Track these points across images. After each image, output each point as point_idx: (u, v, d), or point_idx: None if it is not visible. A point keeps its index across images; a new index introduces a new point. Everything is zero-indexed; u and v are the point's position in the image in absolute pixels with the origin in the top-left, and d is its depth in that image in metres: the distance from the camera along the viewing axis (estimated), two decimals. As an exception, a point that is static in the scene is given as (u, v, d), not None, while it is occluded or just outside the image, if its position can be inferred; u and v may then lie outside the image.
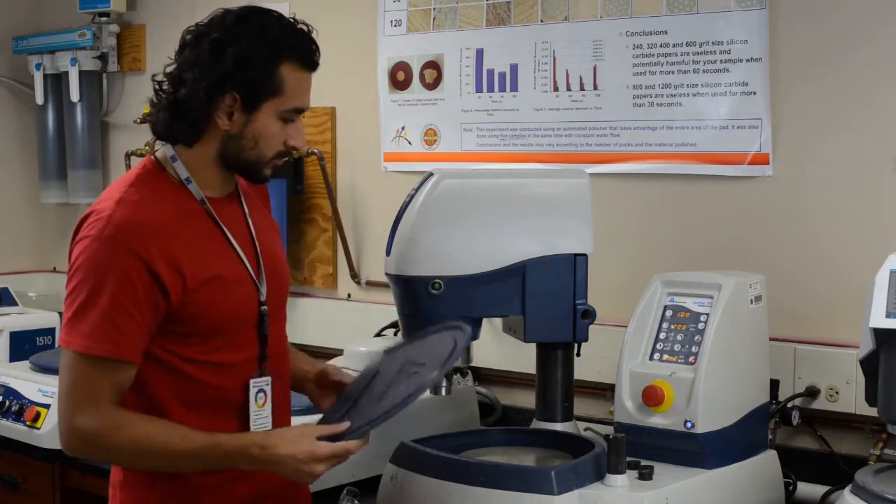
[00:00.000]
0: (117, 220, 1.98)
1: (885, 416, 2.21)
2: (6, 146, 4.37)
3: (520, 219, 2.40)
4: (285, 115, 2.05)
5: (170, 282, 1.97)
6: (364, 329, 3.31)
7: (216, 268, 2.05)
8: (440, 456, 2.23)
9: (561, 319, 2.42)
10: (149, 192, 2.04)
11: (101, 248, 1.97)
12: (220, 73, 2.00)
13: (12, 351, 3.48)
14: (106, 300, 1.95)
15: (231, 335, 2.07)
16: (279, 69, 2.02)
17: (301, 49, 2.05)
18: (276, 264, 2.19)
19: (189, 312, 2.01)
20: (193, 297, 2.00)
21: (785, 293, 2.64)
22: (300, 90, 2.06)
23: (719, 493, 2.29)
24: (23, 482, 3.12)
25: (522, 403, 3.09)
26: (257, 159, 2.07)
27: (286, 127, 2.07)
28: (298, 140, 2.09)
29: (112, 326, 1.95)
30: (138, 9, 4.14)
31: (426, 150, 3.33)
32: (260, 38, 2.01)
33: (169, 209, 2.03)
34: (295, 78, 2.04)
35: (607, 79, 2.96)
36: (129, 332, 1.96)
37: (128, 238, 1.96)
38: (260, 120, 2.04)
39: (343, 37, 3.47)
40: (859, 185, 2.61)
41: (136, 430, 1.96)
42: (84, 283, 1.98)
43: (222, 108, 2.03)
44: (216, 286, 2.03)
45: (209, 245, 2.06)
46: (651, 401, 2.30)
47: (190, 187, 2.08)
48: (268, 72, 2.01)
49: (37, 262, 4.45)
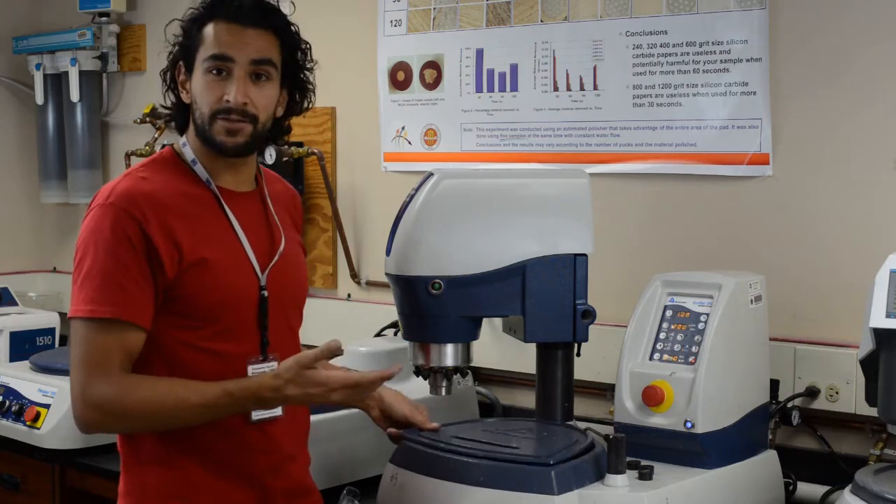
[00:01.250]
0: (120, 189, 2.04)
1: (885, 416, 2.21)
2: (6, 146, 4.37)
3: (520, 219, 2.40)
4: (208, 64, 2.07)
5: (165, 252, 2.00)
6: (364, 329, 3.31)
7: (215, 250, 2.06)
8: (440, 456, 2.23)
9: (561, 319, 2.42)
10: (158, 172, 2.11)
11: (102, 214, 2.02)
12: (171, 53, 2.15)
13: (12, 351, 3.48)
14: (108, 263, 1.98)
15: (230, 322, 2.08)
16: (203, 28, 2.10)
17: (222, 4, 2.10)
18: (289, 267, 2.20)
19: (185, 291, 2.03)
20: (189, 273, 2.02)
21: (785, 293, 2.64)
22: (219, 39, 2.08)
23: (719, 493, 2.29)
24: (23, 482, 3.11)
25: (522, 403, 3.09)
26: (202, 121, 2.09)
27: (220, 82, 2.07)
28: (231, 93, 2.06)
29: (116, 287, 1.98)
30: (138, 9, 4.14)
31: (426, 150, 3.33)
32: (196, 10, 2.13)
33: (175, 188, 2.08)
34: (216, 29, 2.09)
35: (607, 79, 2.96)
36: (133, 293, 1.98)
37: (128, 204, 2.00)
38: (195, 79, 2.10)
39: (343, 37, 3.47)
40: (859, 185, 2.61)
41: (147, 390, 1.97)
42: (87, 250, 2.01)
43: (180, 82, 2.13)
44: (213, 267, 2.05)
45: (211, 227, 2.09)
46: (651, 401, 2.30)
47: (196, 168, 2.12)
48: (195, 32, 2.10)
49: (37, 262, 4.45)
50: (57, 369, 3.11)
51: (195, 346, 2.05)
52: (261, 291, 2.12)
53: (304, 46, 2.18)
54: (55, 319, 3.67)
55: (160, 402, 1.96)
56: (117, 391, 1.96)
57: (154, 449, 2.07)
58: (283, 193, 2.31)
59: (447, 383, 2.45)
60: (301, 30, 2.19)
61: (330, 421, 2.61)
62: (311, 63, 2.20)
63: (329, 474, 2.56)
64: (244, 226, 2.13)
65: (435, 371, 2.42)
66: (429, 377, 2.44)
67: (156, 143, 3.80)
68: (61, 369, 3.11)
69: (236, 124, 2.07)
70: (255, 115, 2.08)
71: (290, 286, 2.21)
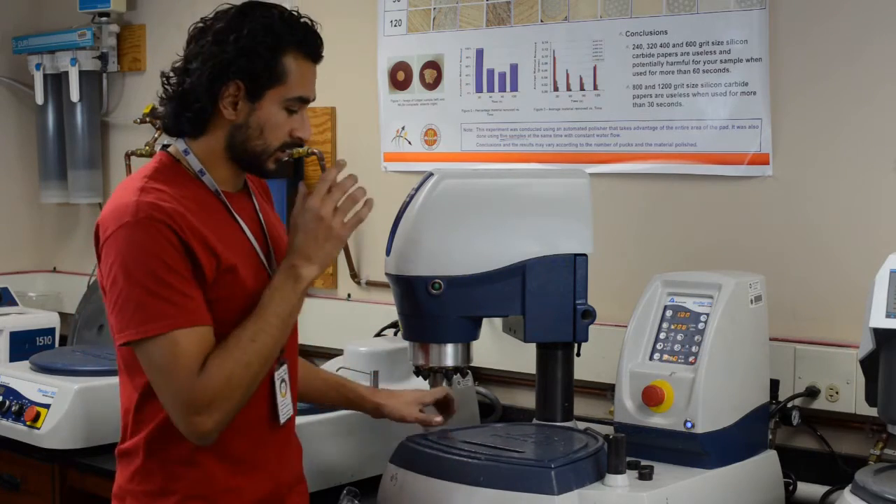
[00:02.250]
0: (147, 203, 1.97)
1: (885, 416, 2.21)
2: (6, 146, 4.37)
3: (520, 219, 2.40)
4: (289, 104, 2.06)
5: (204, 258, 1.98)
6: (364, 329, 3.31)
7: (238, 256, 2.06)
8: (440, 456, 2.23)
9: (561, 319, 2.42)
10: (168, 182, 2.05)
11: (138, 230, 1.95)
12: (223, 62, 2.02)
13: (12, 351, 3.48)
14: (164, 274, 1.93)
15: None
16: (282, 58, 2.04)
17: (304, 39, 2.07)
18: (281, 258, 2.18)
19: (219, 295, 2.01)
20: (224, 279, 2.01)
21: (785, 293, 2.64)
22: (304, 80, 2.07)
23: (719, 493, 2.29)
24: (23, 482, 3.11)
25: (522, 403, 3.09)
26: (263, 150, 2.08)
27: (291, 118, 2.08)
28: (304, 131, 2.10)
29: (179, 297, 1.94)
30: (138, 9, 4.13)
31: (426, 150, 3.33)
32: (262, 28, 2.03)
33: (190, 198, 2.04)
34: (298, 67, 2.06)
35: (607, 79, 2.96)
36: (196, 298, 1.96)
37: (163, 216, 1.95)
38: (264, 109, 2.05)
39: (343, 37, 3.47)
40: (859, 185, 2.61)
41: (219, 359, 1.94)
42: (132, 269, 1.95)
43: (227, 97, 2.04)
44: (240, 273, 2.04)
45: (230, 234, 2.08)
46: (651, 401, 2.30)
47: (204, 179, 2.09)
48: (271, 60, 2.03)
49: (37, 262, 4.45)
50: (57, 369, 3.11)
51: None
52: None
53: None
54: (55, 319, 3.67)
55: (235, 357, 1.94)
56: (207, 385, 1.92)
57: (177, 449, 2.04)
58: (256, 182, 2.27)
59: (447, 383, 2.46)
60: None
61: (330, 421, 2.61)
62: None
63: (329, 474, 2.56)
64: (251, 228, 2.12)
65: (435, 371, 2.42)
66: (429, 377, 2.45)
67: (156, 143, 3.79)
68: (61, 369, 3.11)
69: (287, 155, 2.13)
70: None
71: None
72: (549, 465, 2.11)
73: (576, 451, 2.20)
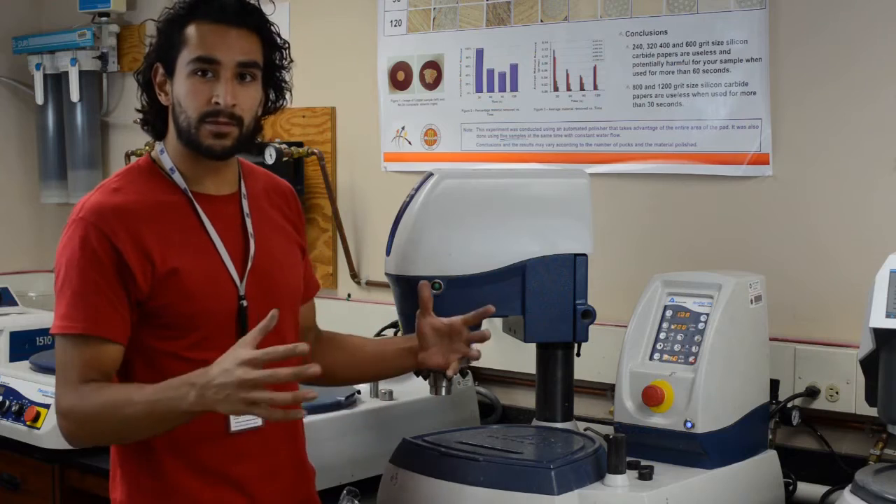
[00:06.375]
0: (90, 204, 2.03)
1: (885, 416, 2.21)
2: (6, 146, 4.37)
3: (520, 219, 2.40)
4: (193, 66, 2.03)
5: (136, 264, 1.98)
6: (364, 329, 3.30)
7: (189, 259, 2.03)
8: (440, 456, 2.23)
9: (561, 319, 2.42)
10: (132, 182, 2.09)
11: (73, 230, 2.02)
12: (148, 54, 2.10)
13: (12, 351, 3.47)
14: (78, 278, 1.98)
15: (209, 330, 2.04)
16: (185, 28, 2.05)
17: (207, 5, 2.05)
18: (276, 269, 2.14)
19: (162, 301, 2.01)
20: (164, 284, 2.00)
21: (785, 293, 2.64)
22: (203, 40, 2.03)
23: (719, 493, 2.29)
24: (23, 482, 3.11)
25: (522, 403, 3.09)
26: (188, 123, 2.05)
27: (208, 84, 2.03)
28: (222, 96, 2.02)
29: (85, 304, 1.97)
30: (138, 9, 4.14)
31: (426, 150, 3.33)
32: (173, 10, 2.08)
33: (148, 198, 2.06)
34: (198, 30, 2.04)
35: (607, 79, 2.96)
36: (103, 309, 1.97)
37: (97, 219, 1.99)
38: (178, 81, 2.06)
39: (343, 37, 3.47)
40: (859, 185, 2.61)
41: (103, 395, 1.94)
42: (60, 266, 2.02)
43: (157, 84, 2.09)
44: (186, 277, 2.02)
45: (186, 237, 2.06)
46: (651, 401, 2.30)
47: (174, 177, 2.09)
48: (173, 32, 2.06)
49: (37, 262, 4.45)
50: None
51: (176, 355, 2.03)
52: (239, 301, 2.07)
53: (284, 46, 2.15)
54: (55, 319, 3.67)
55: (111, 403, 1.93)
56: (78, 398, 1.96)
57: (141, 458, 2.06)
58: (273, 190, 2.24)
59: (447, 383, 2.45)
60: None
61: (330, 421, 2.62)
62: (288, 63, 2.17)
63: (329, 474, 2.56)
64: (223, 232, 2.09)
65: (435, 371, 2.42)
66: (429, 377, 2.44)
67: (156, 144, 3.79)
68: (61, 369, 3.11)
69: (224, 127, 2.04)
70: (242, 118, 2.05)
71: (275, 290, 2.13)
72: (548, 464, 2.11)
73: (575, 452, 2.20)
